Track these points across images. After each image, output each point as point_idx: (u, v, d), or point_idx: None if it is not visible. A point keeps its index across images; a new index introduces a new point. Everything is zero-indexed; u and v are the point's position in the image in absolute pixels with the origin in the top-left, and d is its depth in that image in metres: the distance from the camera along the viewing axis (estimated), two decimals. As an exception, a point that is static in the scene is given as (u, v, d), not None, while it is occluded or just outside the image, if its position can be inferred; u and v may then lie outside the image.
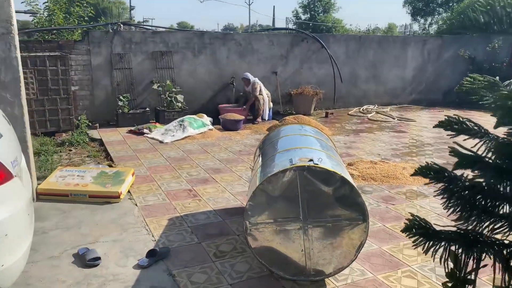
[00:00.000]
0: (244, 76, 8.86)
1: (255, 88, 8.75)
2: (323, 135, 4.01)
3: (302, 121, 7.78)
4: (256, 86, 8.76)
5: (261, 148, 3.90)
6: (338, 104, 10.53)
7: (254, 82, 8.80)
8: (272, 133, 4.06)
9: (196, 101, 9.08)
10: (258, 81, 8.87)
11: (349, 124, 8.73)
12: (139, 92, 8.54)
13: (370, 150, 6.59)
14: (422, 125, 8.70)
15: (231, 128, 7.88)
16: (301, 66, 10.03)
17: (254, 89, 8.74)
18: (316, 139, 3.66)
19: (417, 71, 11.52)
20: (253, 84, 8.78)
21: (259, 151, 3.80)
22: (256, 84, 8.79)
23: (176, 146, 6.67)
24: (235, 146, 6.77)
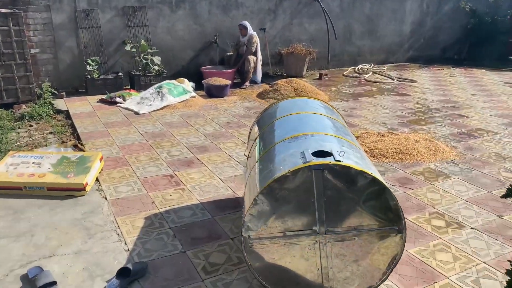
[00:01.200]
0: (241, 23, 7.90)
1: (253, 43, 7.82)
2: (334, 112, 3.26)
3: (297, 86, 6.97)
4: (254, 40, 7.83)
5: (257, 129, 3.13)
6: (331, 64, 9.69)
7: (252, 34, 7.86)
8: (270, 109, 3.27)
9: (175, 63, 8.12)
10: (256, 35, 7.93)
11: (346, 87, 7.95)
12: (110, 54, 7.53)
13: (373, 118, 5.88)
14: (425, 86, 7.99)
15: (216, 94, 7.03)
16: (291, 21, 9.06)
17: (252, 43, 7.82)
18: (329, 118, 2.91)
19: (415, 26, 10.65)
20: (250, 36, 7.83)
21: (256, 134, 3.03)
22: (255, 38, 7.86)
23: (153, 118, 5.83)
24: (222, 116, 5.97)
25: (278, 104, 3.29)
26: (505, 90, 7.70)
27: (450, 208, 3.40)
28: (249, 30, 7.90)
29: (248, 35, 7.88)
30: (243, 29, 7.89)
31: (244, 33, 7.91)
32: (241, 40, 8.02)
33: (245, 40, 7.94)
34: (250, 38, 7.84)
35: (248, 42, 7.86)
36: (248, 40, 7.86)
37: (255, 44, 7.89)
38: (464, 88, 7.88)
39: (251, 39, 7.83)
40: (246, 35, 7.90)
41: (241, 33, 7.96)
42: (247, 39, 7.89)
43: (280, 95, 6.80)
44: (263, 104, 6.61)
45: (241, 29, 7.91)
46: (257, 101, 6.83)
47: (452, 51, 11.49)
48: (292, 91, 6.89)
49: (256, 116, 5.55)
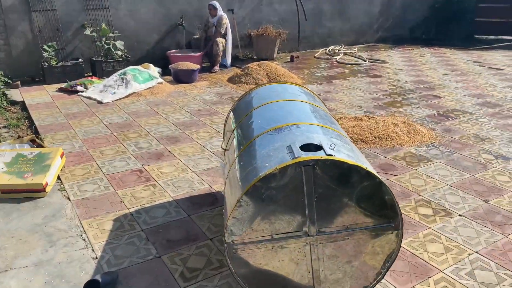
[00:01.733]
0: (211, 3, 7.52)
1: (223, 24, 7.49)
2: (315, 98, 3.04)
3: (269, 70, 6.72)
4: (223, 21, 7.50)
5: (234, 120, 2.88)
6: (302, 46, 9.47)
7: (222, 16, 7.51)
8: (247, 97, 3.02)
9: (140, 47, 7.68)
10: (225, 16, 7.59)
11: (319, 70, 7.77)
12: (68, 39, 7.00)
13: (349, 102, 5.73)
14: (397, 67, 7.92)
15: (184, 80, 6.68)
16: (261, 1, 8.74)
17: (221, 24, 7.48)
18: (311, 106, 2.69)
19: (384, 6, 10.55)
20: (220, 17, 7.48)
21: (234, 125, 2.78)
22: (224, 19, 7.52)
23: (118, 107, 5.45)
24: (192, 103, 5.66)
25: (255, 91, 3.04)
26: (475, 70, 7.74)
27: (435, 194, 3.30)
28: (219, 10, 7.55)
29: (218, 16, 7.53)
30: (212, 9, 7.52)
31: (213, 13, 7.55)
32: (210, 21, 7.66)
33: (214, 21, 7.59)
34: (220, 19, 7.50)
35: (218, 23, 7.51)
36: (217, 21, 7.52)
37: (225, 25, 7.56)
38: (435, 68, 7.86)
39: (221, 20, 7.49)
40: (215, 15, 7.55)
41: (210, 13, 7.59)
42: (216, 20, 7.54)
43: (252, 80, 6.54)
44: (235, 89, 6.34)
45: (211, 9, 7.54)
46: (228, 86, 6.54)
47: (420, 31, 11.50)
48: (265, 74, 6.64)
49: (230, 104, 5.29)
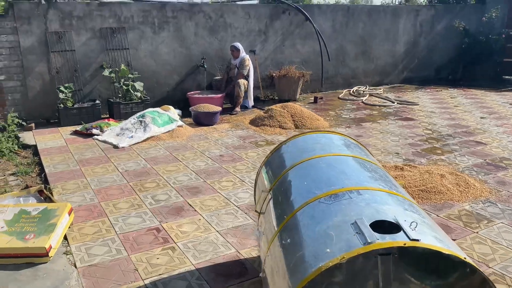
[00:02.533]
0: (233, 44, 7.35)
1: (245, 66, 7.26)
2: (365, 150, 2.59)
3: (293, 111, 6.35)
4: (246, 63, 7.28)
5: (269, 176, 2.44)
6: (325, 86, 9.15)
7: (244, 57, 7.30)
8: (283, 149, 2.59)
9: (159, 89, 7.44)
10: (248, 58, 7.37)
11: (345, 111, 7.37)
12: (85, 80, 6.79)
13: (384, 147, 5.27)
14: (428, 110, 7.47)
15: (205, 122, 6.34)
16: (283, 43, 8.53)
17: (244, 66, 7.26)
18: (366, 162, 2.23)
19: (409, 46, 10.27)
20: (243, 59, 7.28)
21: (269, 184, 2.34)
22: (247, 61, 7.30)
23: (135, 152, 5.08)
24: (213, 148, 5.26)
25: (293, 142, 2.61)
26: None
27: (508, 266, 2.75)
28: (241, 52, 7.33)
29: (240, 57, 7.30)
30: (235, 50, 7.32)
31: (236, 55, 7.33)
32: (233, 62, 7.43)
33: (236, 62, 7.35)
34: (243, 61, 7.26)
35: (240, 65, 7.27)
36: (240, 62, 7.28)
37: (248, 67, 7.31)
38: (470, 110, 7.39)
39: (244, 62, 7.25)
40: (238, 57, 7.33)
41: (233, 55, 7.38)
42: (239, 61, 7.31)
43: (276, 122, 6.16)
44: (258, 132, 5.95)
45: (233, 51, 7.34)
46: (251, 129, 6.16)
47: (446, 71, 11.13)
48: (289, 117, 6.27)
49: (253, 148, 4.85)
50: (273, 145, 5.33)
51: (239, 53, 7.30)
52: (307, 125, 6.16)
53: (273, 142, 5.51)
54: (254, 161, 4.75)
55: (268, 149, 5.16)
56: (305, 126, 6.15)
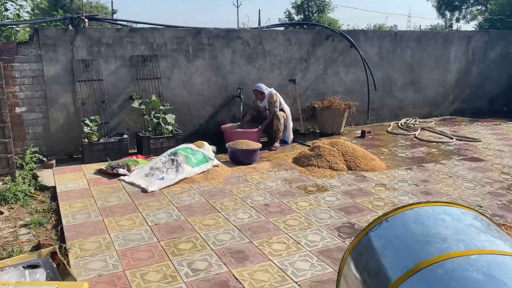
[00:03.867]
0: (256, 88, 6.64)
1: (274, 102, 6.53)
2: (504, 234, 1.77)
3: (345, 150, 5.56)
4: (275, 99, 6.55)
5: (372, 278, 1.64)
6: (370, 118, 8.35)
7: (271, 93, 6.59)
8: (380, 230, 1.80)
9: (191, 121, 6.81)
10: (275, 92, 6.66)
11: (399, 149, 6.53)
12: (113, 112, 6.23)
13: (460, 197, 4.39)
14: (494, 147, 6.55)
15: (244, 161, 5.62)
16: (325, 71, 7.84)
17: (273, 103, 6.53)
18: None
19: (460, 75, 9.41)
20: (270, 96, 6.56)
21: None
22: (275, 96, 6.58)
23: (167, 199, 4.38)
24: (255, 194, 4.50)
25: (398, 219, 1.82)
26: None
27: None
28: (265, 91, 6.62)
29: (267, 96, 6.59)
30: (259, 94, 6.63)
31: (261, 98, 6.65)
32: (260, 105, 6.74)
33: (264, 104, 6.66)
34: (270, 98, 6.55)
35: (270, 104, 6.56)
36: (268, 102, 6.58)
37: (277, 102, 6.58)
38: (545, 149, 6.42)
39: (272, 99, 6.53)
40: (263, 99, 6.64)
41: (258, 98, 6.69)
42: (266, 102, 6.61)
43: (325, 162, 5.37)
44: (305, 174, 5.17)
45: (257, 95, 6.66)
46: (296, 169, 5.39)
47: (501, 102, 10.16)
48: (340, 156, 5.47)
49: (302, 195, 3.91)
50: (326, 192, 4.54)
51: (263, 95, 6.62)
52: (362, 166, 5.34)
53: (326, 187, 4.71)
54: (307, 214, 3.96)
55: (321, 197, 4.37)
56: (359, 167, 5.34)
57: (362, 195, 4.47)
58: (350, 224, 3.72)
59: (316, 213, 3.98)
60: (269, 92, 6.62)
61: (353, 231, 3.59)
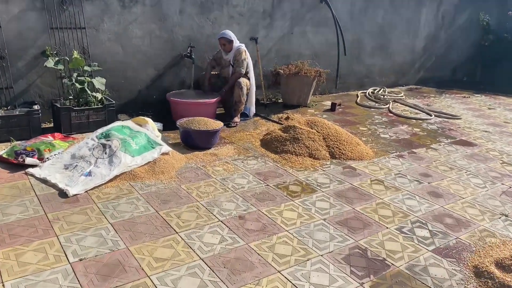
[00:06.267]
0: (223, 35, 5.29)
1: (242, 60, 5.29)
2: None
3: (326, 131, 4.51)
4: (243, 56, 5.31)
5: None
6: (337, 87, 7.37)
7: (239, 49, 5.32)
8: None
9: (128, 87, 5.35)
10: (245, 49, 5.39)
11: (378, 127, 5.62)
12: (18, 73, 4.59)
13: (476, 200, 3.55)
14: (477, 126, 5.89)
15: (200, 145, 4.36)
16: (291, 29, 6.61)
17: (240, 61, 5.28)
18: None
19: (428, 41, 8.67)
20: (238, 52, 5.30)
21: None
22: (244, 53, 5.32)
23: (97, 208, 3.06)
24: (224, 199, 3.32)
25: None
26: None
27: None
28: (235, 42, 5.33)
29: (235, 49, 5.31)
30: (226, 43, 5.30)
31: (228, 48, 5.32)
32: (225, 58, 5.43)
33: (230, 58, 5.36)
34: (238, 54, 5.29)
35: (236, 61, 5.30)
36: (235, 57, 5.30)
37: (245, 63, 5.34)
38: (530, 130, 5.88)
39: (240, 56, 5.28)
40: (231, 50, 5.33)
41: (224, 48, 5.36)
42: (232, 56, 5.33)
43: (305, 148, 4.30)
44: (281, 165, 4.07)
45: (224, 44, 5.31)
46: (269, 157, 4.26)
47: (462, 72, 9.68)
48: (321, 140, 4.42)
49: (286, 200, 2.62)
50: (314, 193, 3.48)
51: (231, 45, 5.31)
52: (347, 154, 4.34)
53: (312, 186, 3.65)
54: (300, 233, 2.89)
55: (310, 202, 3.31)
56: (344, 154, 4.33)
57: (360, 198, 3.48)
58: (361, 251, 2.72)
59: (311, 231, 2.92)
60: (238, 46, 5.32)
61: (369, 263, 2.59)
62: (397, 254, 2.71)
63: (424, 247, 2.80)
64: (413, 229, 3.02)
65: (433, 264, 2.62)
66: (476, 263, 2.63)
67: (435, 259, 2.67)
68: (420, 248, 2.78)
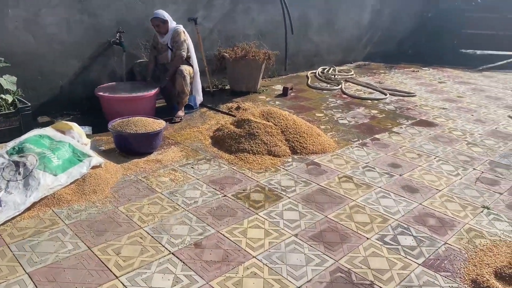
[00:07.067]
0: (156, 15, 4.57)
1: (182, 42, 4.65)
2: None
3: (283, 123, 4.01)
4: (182, 37, 4.68)
5: None
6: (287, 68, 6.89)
7: (177, 30, 4.68)
8: None
9: (47, 83, 4.50)
10: (183, 30, 4.72)
11: (335, 112, 5.23)
12: None
13: (453, 192, 3.25)
14: (432, 103, 5.69)
15: (141, 150, 3.69)
16: (234, 7, 5.98)
17: (180, 42, 4.64)
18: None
19: (374, 14, 8.40)
20: (176, 34, 4.66)
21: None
22: (182, 34, 4.69)
23: (10, 252, 2.36)
24: (174, 220, 2.73)
25: None
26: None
27: None
28: (171, 23, 4.65)
29: (172, 31, 4.64)
30: (161, 24, 4.59)
31: (163, 29, 4.63)
32: (161, 41, 4.73)
33: (167, 40, 4.68)
34: (176, 35, 4.64)
35: (174, 43, 4.64)
36: (172, 39, 4.64)
37: (185, 44, 4.69)
38: (483, 104, 5.76)
39: (178, 37, 4.63)
40: (167, 32, 4.65)
41: (159, 30, 4.66)
42: (169, 38, 4.65)
43: (262, 145, 3.78)
44: (238, 167, 3.53)
45: (158, 25, 4.61)
46: (223, 158, 3.70)
47: (407, 45, 9.59)
48: (279, 134, 3.93)
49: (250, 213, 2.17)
50: (279, 201, 2.99)
51: (167, 26, 4.62)
52: (309, 147, 3.89)
53: (276, 192, 3.15)
54: (271, 259, 2.39)
55: (277, 213, 2.82)
56: (305, 148, 3.87)
57: (331, 202, 3.04)
58: (344, 275, 2.28)
59: (282, 254, 2.43)
60: (175, 27, 4.64)
61: (357, 292, 2.16)
62: (385, 274, 2.31)
63: (413, 260, 2.42)
64: (396, 237, 2.64)
65: (428, 282, 2.25)
66: (473, 276, 2.29)
67: (428, 275, 2.30)
68: (409, 263, 2.40)
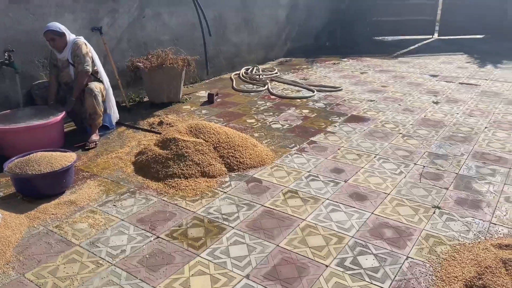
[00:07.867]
0: (49, 29, 3.91)
1: (84, 55, 4.05)
2: None
3: (215, 138, 3.62)
4: (84, 50, 4.10)
5: None
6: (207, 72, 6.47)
7: (76, 42, 4.07)
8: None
9: None
10: (84, 41, 4.11)
11: (266, 116, 4.93)
12: None
13: (401, 193, 3.10)
14: (359, 96, 5.65)
15: (48, 192, 3.07)
16: (142, 12, 5.42)
17: (82, 56, 4.05)
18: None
19: (290, 9, 8.26)
20: (75, 46, 4.07)
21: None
22: (84, 46, 4.09)
23: None
24: (95, 280, 2.22)
25: None
26: (451, 88, 6.00)
27: None
28: (69, 36, 4.03)
29: (70, 46, 4.02)
30: (56, 38, 3.95)
31: (59, 44, 4.00)
32: (59, 57, 4.08)
33: (66, 56, 4.06)
34: (77, 48, 4.05)
35: (75, 57, 4.04)
36: (73, 53, 4.03)
37: (89, 56, 4.10)
38: (407, 92, 5.84)
39: (78, 50, 4.05)
40: (65, 46, 4.02)
41: (54, 45, 4.01)
42: (69, 53, 4.03)
43: (194, 166, 3.36)
44: (168, 197, 3.08)
45: (54, 40, 3.96)
46: (150, 188, 3.22)
47: (324, 38, 9.64)
48: (212, 151, 3.53)
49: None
50: (222, 234, 2.61)
51: (65, 40, 3.99)
52: (246, 161, 3.54)
53: (216, 222, 2.76)
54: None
55: (221, 251, 2.43)
56: (242, 164, 3.52)
57: (280, 225, 2.73)
58: (311, 320, 1.98)
59: (237, 305, 2.07)
60: (74, 39, 4.01)
61: None
62: (354, 308, 2.04)
63: (379, 286, 2.18)
64: (356, 258, 2.40)
65: (400, 311, 2.02)
66: (445, 294, 2.11)
67: (399, 300, 2.08)
68: (376, 289, 2.16)
